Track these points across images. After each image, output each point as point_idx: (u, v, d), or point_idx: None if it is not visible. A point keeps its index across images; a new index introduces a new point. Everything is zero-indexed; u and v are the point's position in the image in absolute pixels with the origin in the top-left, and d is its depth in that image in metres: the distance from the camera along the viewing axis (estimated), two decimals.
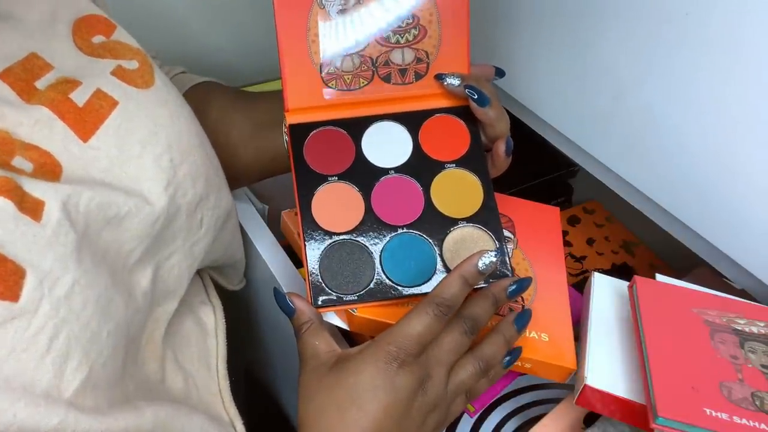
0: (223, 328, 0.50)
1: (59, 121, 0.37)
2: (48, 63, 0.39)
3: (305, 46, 0.46)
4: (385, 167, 0.46)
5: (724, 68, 0.41)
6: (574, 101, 0.54)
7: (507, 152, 0.46)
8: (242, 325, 0.68)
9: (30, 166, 0.35)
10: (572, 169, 0.78)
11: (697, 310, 0.41)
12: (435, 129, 0.48)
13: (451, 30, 0.47)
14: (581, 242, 0.71)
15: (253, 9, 0.73)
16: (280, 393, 0.69)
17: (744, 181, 0.43)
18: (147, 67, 0.43)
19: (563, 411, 0.44)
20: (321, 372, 0.39)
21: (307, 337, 0.40)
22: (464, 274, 0.39)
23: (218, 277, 0.56)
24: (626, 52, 0.48)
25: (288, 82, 0.46)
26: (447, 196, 0.45)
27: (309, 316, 0.41)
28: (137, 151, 0.39)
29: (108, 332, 0.35)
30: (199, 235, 0.45)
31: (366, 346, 0.38)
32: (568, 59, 0.53)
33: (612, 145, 0.52)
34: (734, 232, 0.44)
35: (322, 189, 0.45)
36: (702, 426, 0.34)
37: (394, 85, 0.48)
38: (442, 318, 0.38)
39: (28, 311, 0.31)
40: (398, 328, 0.38)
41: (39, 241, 0.32)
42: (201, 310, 0.50)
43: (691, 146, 0.45)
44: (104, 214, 0.36)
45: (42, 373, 0.31)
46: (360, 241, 0.44)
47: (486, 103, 0.45)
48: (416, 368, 0.37)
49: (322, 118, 0.47)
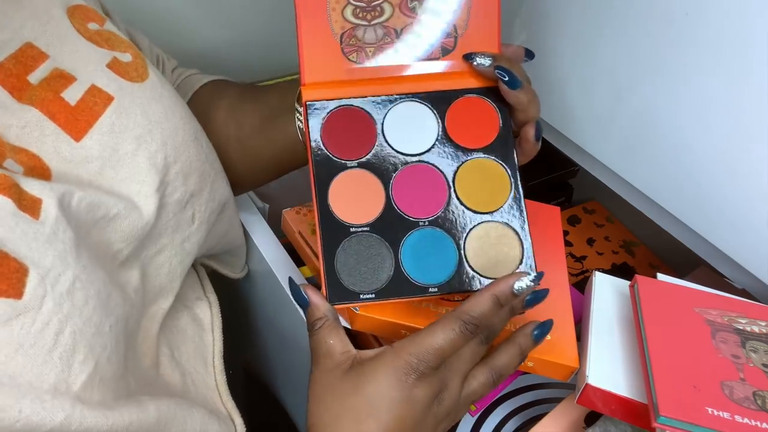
0: (219, 323, 0.50)
1: (50, 122, 0.37)
2: (43, 52, 0.38)
3: (325, 14, 0.43)
4: (408, 153, 0.43)
5: (724, 68, 0.41)
6: (574, 101, 0.54)
7: (537, 137, 0.43)
8: (241, 322, 0.68)
9: (20, 168, 0.35)
10: (572, 169, 0.78)
11: (699, 309, 0.42)
12: (463, 112, 0.44)
13: (482, 4, 0.44)
14: (581, 242, 0.72)
15: (254, 6, 0.73)
16: (279, 388, 0.69)
17: (744, 181, 0.43)
18: (140, 60, 0.43)
19: (564, 410, 0.44)
20: (335, 375, 0.37)
21: (322, 334, 0.39)
22: (498, 294, 0.37)
23: (219, 266, 0.55)
24: (626, 52, 0.48)
25: (305, 54, 0.43)
26: (472, 188, 0.43)
27: (324, 312, 0.40)
28: (132, 149, 0.39)
29: (110, 326, 0.35)
30: (191, 230, 0.44)
31: (383, 351, 0.37)
32: (568, 59, 0.53)
33: (612, 145, 0.52)
34: (734, 232, 0.44)
35: (341, 177, 0.42)
36: (704, 425, 0.34)
37: (420, 60, 0.45)
38: (466, 336, 0.37)
39: (33, 308, 0.31)
40: (421, 338, 0.36)
41: (39, 239, 0.32)
42: (197, 305, 0.50)
43: (691, 146, 0.45)
44: (93, 214, 0.36)
45: (50, 368, 0.31)
46: (379, 235, 0.41)
47: (517, 85, 0.42)
48: (434, 381, 0.37)
49: (342, 95, 0.44)
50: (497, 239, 0.42)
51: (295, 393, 0.65)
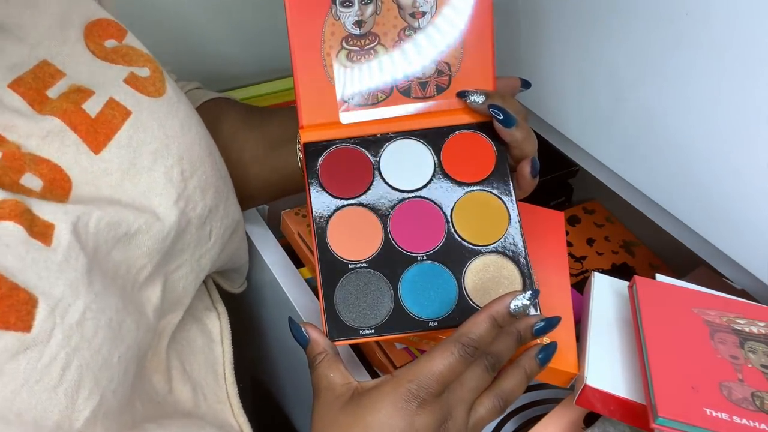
0: (229, 334, 0.50)
1: (71, 133, 0.36)
2: (59, 70, 0.38)
3: (320, 59, 0.44)
4: (404, 189, 0.44)
5: (724, 68, 0.41)
6: (574, 101, 0.54)
7: (533, 173, 0.44)
8: (243, 327, 0.68)
9: (39, 183, 0.34)
10: (572, 169, 0.78)
11: (698, 310, 0.41)
12: (458, 147, 0.45)
13: (475, 41, 0.45)
14: (581, 242, 0.72)
15: (253, 9, 0.73)
16: (285, 399, 0.69)
17: (744, 181, 0.43)
18: (158, 74, 0.42)
19: (563, 411, 0.44)
20: (336, 407, 0.37)
21: (322, 369, 0.39)
22: (494, 314, 0.37)
23: (220, 280, 0.55)
24: (626, 52, 0.48)
25: (302, 98, 0.44)
26: (470, 221, 0.43)
27: (324, 347, 0.39)
28: (148, 163, 0.39)
29: (119, 357, 0.34)
30: (208, 246, 0.44)
31: (384, 381, 0.37)
32: (568, 59, 0.53)
33: (612, 145, 0.52)
34: (734, 232, 0.44)
35: (339, 214, 0.43)
36: (702, 426, 0.34)
37: (415, 99, 0.45)
38: (467, 359, 0.36)
39: (41, 341, 0.30)
40: (420, 365, 0.36)
41: (50, 267, 0.31)
42: (206, 316, 0.50)
43: (692, 146, 0.45)
44: (114, 233, 0.36)
45: (54, 405, 0.30)
46: (377, 271, 0.42)
47: (512, 123, 0.43)
48: (437, 408, 0.36)
49: (339, 136, 0.45)
50: (497, 271, 0.42)
51: (297, 397, 0.65)
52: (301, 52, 0.44)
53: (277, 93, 0.78)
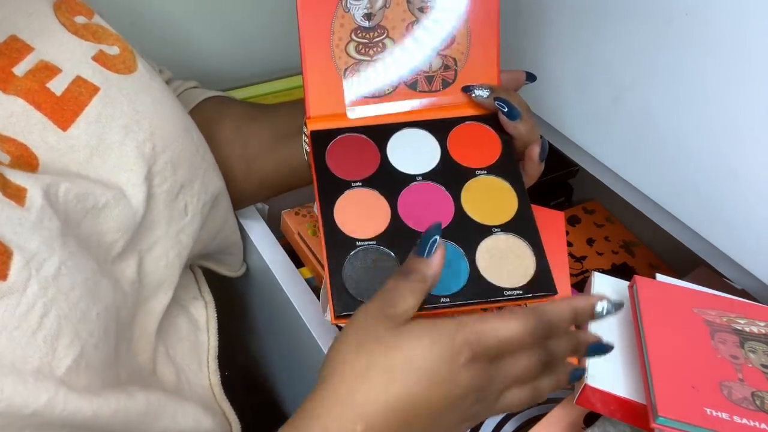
0: (215, 323, 0.50)
1: (36, 112, 0.37)
2: (28, 44, 0.39)
3: (329, 51, 0.44)
4: (411, 173, 0.44)
5: (724, 68, 0.41)
6: (574, 101, 0.54)
7: (542, 156, 0.43)
8: (240, 323, 0.68)
9: (7, 158, 0.35)
10: (572, 169, 0.78)
11: (698, 309, 0.41)
12: (464, 136, 0.45)
13: (480, 36, 0.45)
14: (581, 242, 0.71)
15: (251, 10, 0.73)
16: (279, 391, 0.69)
17: (744, 181, 0.43)
18: (128, 53, 0.43)
19: (563, 411, 0.44)
20: (386, 324, 0.33)
21: (407, 287, 0.34)
22: (578, 308, 0.35)
23: (216, 266, 0.55)
24: (626, 52, 0.48)
25: (310, 89, 0.45)
26: (479, 202, 0.43)
27: (429, 275, 0.35)
28: (119, 137, 0.39)
29: (97, 314, 0.35)
30: (185, 221, 0.44)
31: (446, 320, 0.33)
32: (568, 59, 0.53)
33: (612, 145, 0.52)
34: (734, 232, 0.44)
35: (345, 195, 0.43)
36: (702, 426, 0.34)
37: (421, 93, 0.46)
38: (535, 338, 0.33)
39: (17, 290, 0.31)
40: (491, 321, 0.32)
41: (24, 224, 0.32)
42: (192, 305, 0.50)
43: (691, 146, 0.45)
44: (82, 204, 0.36)
45: (34, 350, 0.31)
46: (385, 249, 0.41)
47: (516, 116, 0.43)
48: (482, 372, 0.33)
49: (345, 125, 0.45)
50: (509, 250, 0.42)
51: (295, 397, 0.65)
52: (311, 43, 0.44)
53: (276, 93, 0.77)
